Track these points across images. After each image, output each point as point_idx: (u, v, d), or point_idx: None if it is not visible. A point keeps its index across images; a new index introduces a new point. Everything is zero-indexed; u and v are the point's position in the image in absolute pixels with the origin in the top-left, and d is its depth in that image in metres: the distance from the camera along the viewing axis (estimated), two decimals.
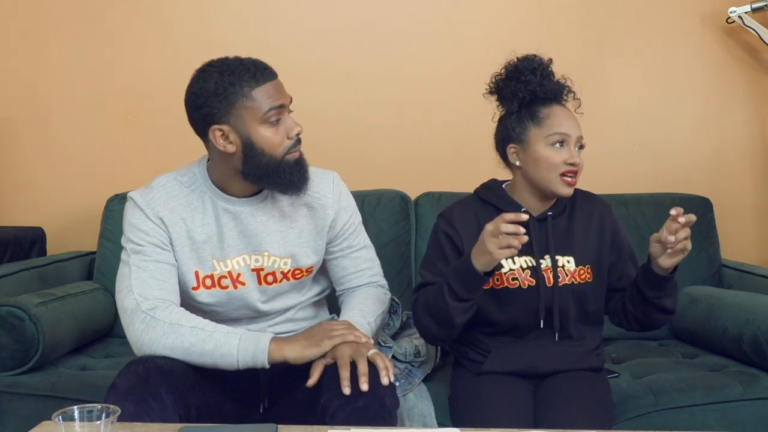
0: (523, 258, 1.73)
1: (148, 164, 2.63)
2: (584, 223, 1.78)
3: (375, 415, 1.41)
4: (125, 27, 2.80)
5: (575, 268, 1.73)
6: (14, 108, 2.82)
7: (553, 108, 1.72)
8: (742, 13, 2.63)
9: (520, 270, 1.72)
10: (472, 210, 1.78)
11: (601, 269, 1.77)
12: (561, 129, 1.69)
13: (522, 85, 1.71)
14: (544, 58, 1.74)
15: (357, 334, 1.52)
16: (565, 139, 1.69)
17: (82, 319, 2.24)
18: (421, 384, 1.92)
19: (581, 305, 1.74)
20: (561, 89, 1.75)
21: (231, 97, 1.54)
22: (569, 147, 1.69)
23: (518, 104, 1.72)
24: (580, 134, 1.71)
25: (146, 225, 1.62)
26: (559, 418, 1.59)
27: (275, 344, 1.50)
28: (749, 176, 2.81)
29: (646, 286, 1.66)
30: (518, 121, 1.73)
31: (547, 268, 1.72)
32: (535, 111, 1.71)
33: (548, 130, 1.69)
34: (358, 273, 1.81)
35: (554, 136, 1.68)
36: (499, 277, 1.71)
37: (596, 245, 1.77)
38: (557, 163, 1.68)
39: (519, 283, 1.72)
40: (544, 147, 1.69)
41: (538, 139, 1.70)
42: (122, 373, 1.46)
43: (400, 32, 2.79)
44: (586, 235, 1.77)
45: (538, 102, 1.72)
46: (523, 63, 1.72)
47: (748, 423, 1.86)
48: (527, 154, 1.71)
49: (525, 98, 1.71)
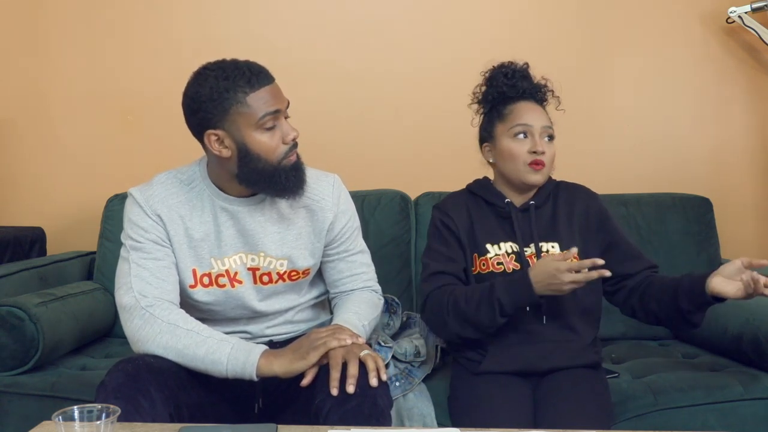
0: (509, 244, 1.79)
1: (148, 164, 2.62)
2: (567, 211, 1.83)
3: (368, 415, 1.40)
4: (125, 27, 2.80)
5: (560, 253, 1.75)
6: (14, 108, 2.83)
7: (517, 104, 1.81)
8: (742, 13, 2.63)
9: (505, 255, 1.78)
10: (464, 202, 1.87)
11: (587, 255, 1.76)
12: (522, 120, 1.78)
13: (492, 89, 1.83)
14: (519, 62, 1.84)
15: (341, 337, 1.50)
16: (527, 130, 1.77)
17: (82, 319, 2.24)
18: (421, 384, 1.92)
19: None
20: (536, 89, 1.83)
21: (226, 102, 1.54)
22: (533, 137, 1.77)
23: (489, 106, 1.85)
24: (546, 124, 1.79)
25: (145, 222, 1.62)
26: (559, 417, 1.59)
27: (265, 358, 1.49)
28: (749, 176, 2.80)
29: (685, 297, 1.66)
30: (488, 120, 1.85)
31: (531, 254, 1.77)
32: (501, 109, 1.82)
33: (510, 123, 1.79)
34: (353, 277, 1.81)
35: (516, 127, 1.78)
36: (485, 262, 1.78)
37: (581, 231, 1.82)
38: (520, 152, 1.77)
39: (504, 267, 1.77)
40: (507, 140, 1.79)
41: (503, 133, 1.80)
42: (111, 372, 1.46)
43: (400, 32, 2.79)
44: (570, 222, 1.82)
45: (506, 101, 1.82)
46: (498, 69, 1.85)
47: (748, 423, 1.86)
48: (496, 150, 1.82)
49: (494, 99, 1.83)
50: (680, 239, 2.46)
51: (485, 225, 1.82)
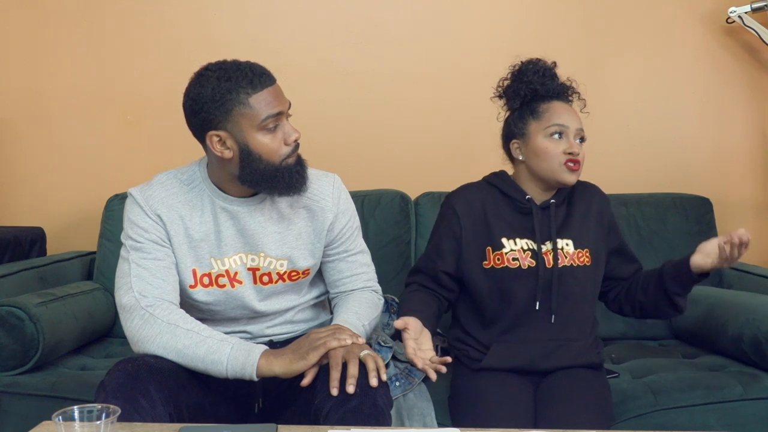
0: (525, 240, 1.78)
1: (147, 164, 2.63)
2: (583, 210, 1.84)
3: (368, 415, 1.40)
4: (125, 27, 2.80)
5: (574, 251, 1.78)
6: (14, 108, 2.82)
7: (552, 103, 1.79)
8: (742, 13, 2.63)
9: (521, 251, 1.77)
10: (479, 193, 1.85)
11: (598, 255, 1.82)
12: (559, 120, 1.76)
13: (524, 84, 1.79)
14: (548, 61, 1.82)
15: (341, 337, 1.49)
16: (563, 131, 1.75)
17: (82, 319, 2.24)
18: (421, 384, 1.92)
19: (579, 288, 1.78)
20: (564, 89, 1.82)
21: (228, 104, 1.54)
22: (568, 138, 1.75)
23: (520, 102, 1.81)
24: (580, 127, 1.78)
25: (145, 222, 1.62)
26: (559, 417, 1.60)
27: (265, 359, 1.48)
28: (749, 176, 2.81)
29: (671, 280, 1.74)
30: (519, 117, 1.81)
31: (547, 251, 1.78)
32: (535, 107, 1.79)
33: (547, 123, 1.76)
34: (353, 277, 1.81)
35: (552, 127, 1.75)
36: (500, 256, 1.77)
37: (594, 231, 1.83)
38: (556, 153, 1.75)
39: (519, 264, 1.76)
40: (543, 139, 1.76)
41: (538, 131, 1.77)
42: (111, 372, 1.46)
43: (400, 32, 2.79)
44: (585, 221, 1.83)
45: (539, 99, 1.79)
46: (527, 65, 1.81)
47: (748, 423, 1.86)
48: (528, 148, 1.79)
49: (527, 96, 1.79)
50: (680, 239, 2.46)
51: (502, 219, 1.80)
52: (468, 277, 1.80)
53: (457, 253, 1.81)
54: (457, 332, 1.87)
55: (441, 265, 1.81)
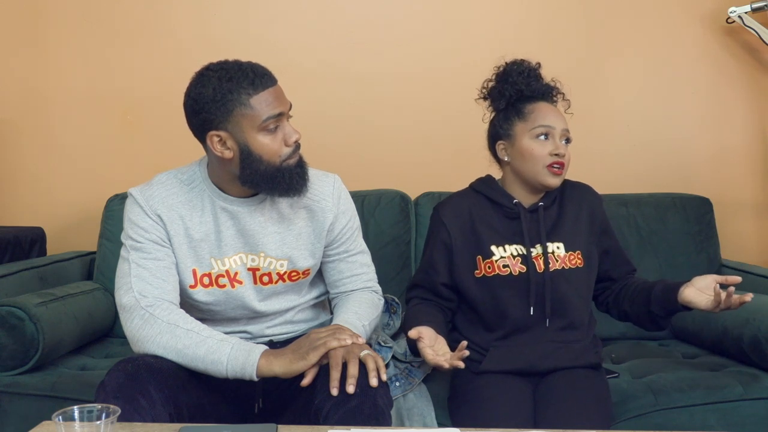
0: (514, 246, 1.77)
1: (148, 164, 2.63)
2: (574, 211, 1.82)
3: (368, 415, 1.40)
4: (125, 27, 2.80)
5: (565, 254, 1.78)
6: (14, 108, 2.82)
7: (538, 104, 1.79)
8: (742, 13, 2.63)
9: (511, 257, 1.76)
10: (466, 203, 1.84)
11: (591, 256, 1.81)
12: (545, 122, 1.75)
13: (509, 85, 1.79)
14: (532, 62, 1.82)
15: (341, 337, 1.49)
16: (549, 132, 1.75)
17: (82, 319, 2.24)
18: (421, 384, 1.92)
19: (572, 290, 1.77)
20: (549, 90, 1.82)
21: (229, 104, 1.54)
22: (554, 139, 1.75)
23: (505, 103, 1.80)
24: (566, 128, 1.77)
25: (145, 222, 1.62)
26: (559, 418, 1.60)
27: (265, 359, 1.48)
28: (749, 176, 2.80)
29: (657, 303, 1.73)
30: (505, 118, 1.81)
31: (537, 255, 1.77)
32: (521, 107, 1.79)
33: (532, 124, 1.76)
34: (353, 277, 1.81)
35: (538, 128, 1.75)
36: (490, 264, 1.76)
37: (586, 232, 1.82)
38: (542, 154, 1.74)
39: (510, 270, 1.76)
40: (528, 140, 1.76)
41: (524, 132, 1.77)
42: (111, 372, 1.46)
43: (400, 32, 2.79)
44: (576, 222, 1.81)
45: (524, 100, 1.79)
46: (511, 66, 1.81)
47: (748, 423, 1.86)
48: (514, 149, 1.78)
49: (512, 97, 1.79)
50: (680, 239, 2.46)
51: (490, 226, 1.80)
52: (462, 287, 1.80)
53: (449, 264, 1.80)
54: (455, 336, 1.86)
55: (437, 277, 1.81)
